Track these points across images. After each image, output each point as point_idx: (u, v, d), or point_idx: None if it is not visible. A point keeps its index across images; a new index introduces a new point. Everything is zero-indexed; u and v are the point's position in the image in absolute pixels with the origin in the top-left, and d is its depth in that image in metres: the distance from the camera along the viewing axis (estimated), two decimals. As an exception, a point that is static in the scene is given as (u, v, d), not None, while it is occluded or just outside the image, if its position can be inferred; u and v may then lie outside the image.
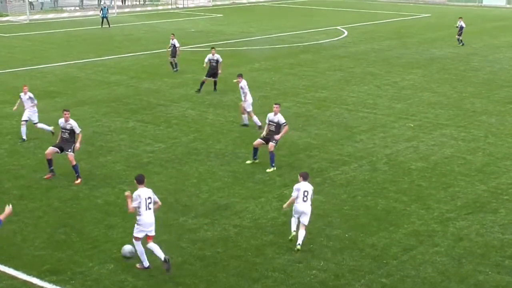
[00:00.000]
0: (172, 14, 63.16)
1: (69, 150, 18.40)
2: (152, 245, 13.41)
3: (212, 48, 29.74)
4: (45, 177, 18.46)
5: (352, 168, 19.43)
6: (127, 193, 13.63)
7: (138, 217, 13.36)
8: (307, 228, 14.39)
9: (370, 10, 66.36)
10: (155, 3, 73.09)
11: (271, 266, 13.60)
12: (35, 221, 15.69)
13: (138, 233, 13.37)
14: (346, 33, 48.87)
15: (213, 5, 71.89)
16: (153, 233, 13.49)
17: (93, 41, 44.91)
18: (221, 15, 62.48)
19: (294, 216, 14.56)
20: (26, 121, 22.08)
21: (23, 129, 22.03)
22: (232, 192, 17.56)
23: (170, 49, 33.25)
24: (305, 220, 14.39)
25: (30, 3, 61.99)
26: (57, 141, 18.88)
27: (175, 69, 33.30)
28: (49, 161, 18.59)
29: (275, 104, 19.78)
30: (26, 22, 55.76)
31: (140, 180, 13.65)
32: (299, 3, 75.63)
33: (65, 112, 18.67)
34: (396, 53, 39.89)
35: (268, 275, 13.29)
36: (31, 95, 22.35)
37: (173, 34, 34.29)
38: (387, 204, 16.82)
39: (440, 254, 14.17)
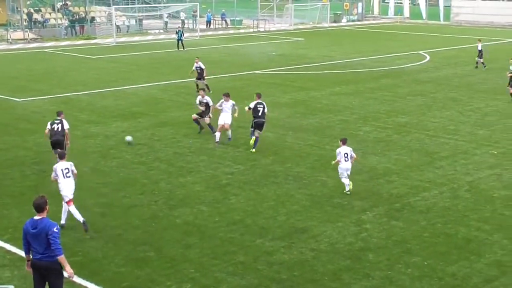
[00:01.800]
0: (254, 38, 63.87)
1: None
2: (71, 208, 16.17)
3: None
4: None
5: (432, 195, 19.08)
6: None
7: (59, 185, 16.16)
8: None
9: (453, 35, 65.49)
10: (237, 26, 74.06)
11: (347, 292, 13.47)
12: (115, 238, 16.01)
13: (64, 197, 16.16)
14: (428, 57, 48.31)
15: (294, 29, 72.30)
16: (71, 197, 16.18)
17: (175, 63, 45.81)
18: (302, 39, 62.76)
19: (342, 174, 19.04)
20: None
21: None
22: (310, 215, 17.50)
23: (195, 71, 34.11)
24: (348, 173, 19.04)
25: (117, 27, 63.81)
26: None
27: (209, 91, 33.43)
28: None
29: None
30: (113, 44, 57.36)
31: (60, 156, 16.74)
32: (380, 28, 75.30)
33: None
34: (479, 79, 39.12)
35: (344, 300, 13.16)
36: None
37: (197, 57, 35.21)
38: (468, 232, 16.41)
39: (524, 286, 13.71)
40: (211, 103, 25.48)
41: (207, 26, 72.71)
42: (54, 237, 11.28)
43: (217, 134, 24.53)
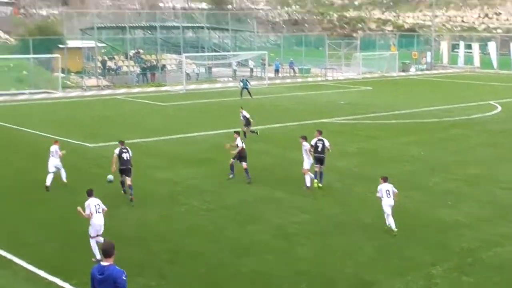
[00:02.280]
0: (322, 86, 64.03)
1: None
2: (99, 239, 17.35)
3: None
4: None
5: (506, 250, 18.49)
6: (78, 208, 17.89)
7: (91, 220, 17.50)
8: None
9: (526, 85, 64.25)
10: (305, 75, 74.47)
11: None
12: (182, 285, 16.02)
13: (92, 232, 17.56)
14: (499, 108, 47.43)
15: (362, 78, 72.24)
16: (101, 232, 17.57)
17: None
18: (370, 87, 62.63)
19: (385, 212, 19.59)
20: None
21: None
22: (378, 268, 17.17)
23: (243, 121, 34.89)
24: (390, 210, 19.60)
25: (187, 74, 64.94)
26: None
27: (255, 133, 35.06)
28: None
29: None
30: (182, 91, 58.32)
31: (89, 193, 18.11)
32: (450, 77, 74.57)
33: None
34: (554, 130, 38.13)
35: None
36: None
37: (241, 107, 36.20)
38: (545, 290, 15.82)
39: None
40: (240, 144, 25.92)
41: (275, 75, 73.33)
42: (121, 286, 11.30)
43: (307, 178, 24.78)
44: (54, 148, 25.51)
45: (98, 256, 16.70)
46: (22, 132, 37.55)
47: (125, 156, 23.06)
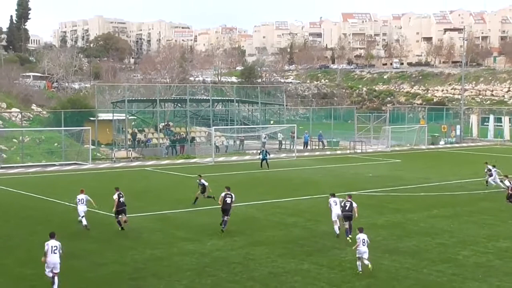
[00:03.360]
0: (350, 159, 64.05)
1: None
2: (55, 279, 20.26)
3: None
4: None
5: (538, 325, 18.10)
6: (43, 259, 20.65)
7: (46, 259, 20.25)
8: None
9: (557, 158, 63.64)
10: (334, 147, 74.62)
11: None
12: None
13: (46, 270, 20.37)
14: (530, 181, 46.89)
15: (391, 151, 72.21)
16: (57, 270, 20.29)
17: (272, 183, 46.30)
18: (399, 160, 62.50)
19: (358, 258, 22.66)
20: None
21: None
22: None
23: (199, 187, 36.91)
24: (366, 256, 22.59)
25: (216, 147, 65.44)
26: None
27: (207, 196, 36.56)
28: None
29: None
30: (211, 164, 58.62)
31: (51, 235, 20.95)
32: (479, 150, 74.25)
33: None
34: None
35: None
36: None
37: (199, 175, 38.45)
38: None
39: None
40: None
41: (304, 147, 73.59)
42: None
43: (335, 227, 28.48)
44: (81, 196, 30.13)
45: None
46: (51, 203, 37.89)
47: (121, 200, 29.15)
